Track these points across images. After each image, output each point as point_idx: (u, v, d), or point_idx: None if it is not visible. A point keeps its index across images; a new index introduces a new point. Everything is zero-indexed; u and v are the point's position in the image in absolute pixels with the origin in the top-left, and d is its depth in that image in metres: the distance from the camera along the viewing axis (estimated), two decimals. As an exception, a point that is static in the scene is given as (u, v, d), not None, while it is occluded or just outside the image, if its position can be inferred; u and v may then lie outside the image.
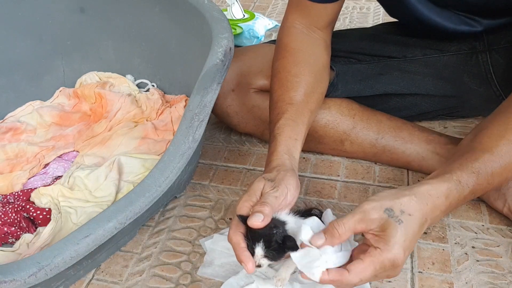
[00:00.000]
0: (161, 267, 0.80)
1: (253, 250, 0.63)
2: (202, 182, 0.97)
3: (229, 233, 0.66)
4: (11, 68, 1.16)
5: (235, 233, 0.65)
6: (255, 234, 0.63)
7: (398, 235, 0.59)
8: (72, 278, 0.76)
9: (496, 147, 0.68)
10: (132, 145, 1.02)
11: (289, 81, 0.83)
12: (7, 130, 1.10)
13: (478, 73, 0.96)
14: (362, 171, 0.97)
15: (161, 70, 1.17)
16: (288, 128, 0.78)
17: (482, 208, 0.88)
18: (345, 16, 1.62)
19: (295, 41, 0.88)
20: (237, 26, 1.45)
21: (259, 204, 0.64)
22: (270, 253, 0.62)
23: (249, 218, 0.62)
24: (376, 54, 0.99)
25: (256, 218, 0.62)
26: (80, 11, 1.18)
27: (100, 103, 1.14)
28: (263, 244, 0.62)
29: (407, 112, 1.01)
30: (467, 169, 0.67)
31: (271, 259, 0.63)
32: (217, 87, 0.81)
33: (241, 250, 0.64)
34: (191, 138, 0.77)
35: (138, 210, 0.70)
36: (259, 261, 0.63)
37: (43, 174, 0.99)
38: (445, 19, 0.90)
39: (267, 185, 0.68)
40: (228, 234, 0.66)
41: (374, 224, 0.60)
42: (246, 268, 0.62)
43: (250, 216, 0.63)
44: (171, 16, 1.07)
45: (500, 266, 0.77)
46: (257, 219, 0.62)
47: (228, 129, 1.11)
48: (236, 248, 0.64)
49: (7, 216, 0.86)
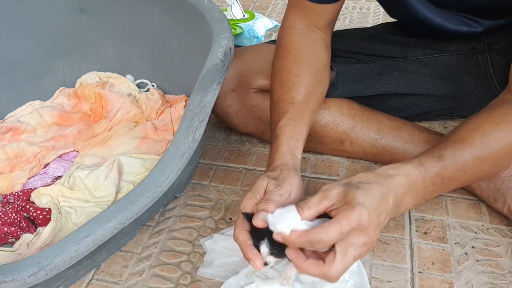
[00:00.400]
0: (161, 267, 0.80)
1: (259, 248, 0.63)
2: (202, 182, 0.97)
3: (234, 231, 0.66)
4: (11, 68, 1.16)
5: (241, 232, 0.65)
6: (260, 232, 0.63)
7: (358, 196, 0.60)
8: (72, 278, 0.76)
9: (469, 137, 0.69)
10: (132, 145, 1.02)
11: (289, 81, 0.83)
12: (7, 130, 1.10)
13: (478, 73, 0.96)
14: (362, 171, 0.97)
15: (161, 70, 1.17)
16: (290, 128, 0.78)
17: (482, 208, 0.88)
18: (345, 16, 1.62)
19: (295, 41, 0.88)
20: (237, 26, 1.45)
21: (264, 202, 0.64)
22: (275, 250, 0.62)
23: (254, 217, 0.62)
24: (376, 54, 0.99)
25: (261, 217, 0.62)
26: (80, 11, 1.18)
27: (100, 103, 1.14)
28: (268, 242, 0.62)
29: (407, 112, 1.01)
30: (432, 154, 0.68)
31: (277, 256, 0.63)
32: (217, 87, 0.81)
33: (248, 248, 0.63)
34: (191, 138, 0.77)
35: (138, 210, 0.70)
36: (265, 259, 0.63)
37: (43, 174, 0.99)
38: (445, 20, 0.90)
39: (270, 183, 0.68)
40: (234, 232, 0.66)
41: (335, 198, 0.61)
42: (255, 266, 0.62)
43: (255, 215, 0.63)
44: (171, 16, 1.07)
45: (500, 266, 0.77)
46: (263, 218, 0.62)
47: (228, 129, 1.11)
48: (243, 246, 0.64)
49: (7, 216, 0.86)
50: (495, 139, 0.69)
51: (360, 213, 0.59)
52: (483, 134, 0.69)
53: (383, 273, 0.77)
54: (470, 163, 0.68)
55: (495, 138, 0.69)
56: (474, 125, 0.71)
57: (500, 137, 0.69)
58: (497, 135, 0.69)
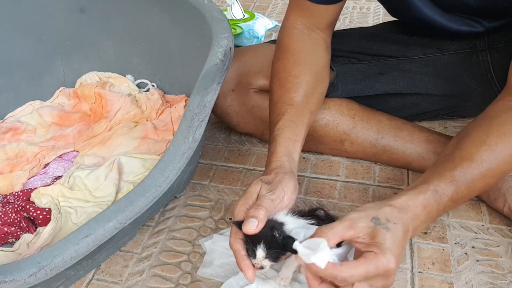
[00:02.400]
0: (161, 267, 0.80)
1: (255, 253, 0.63)
2: (202, 182, 0.97)
3: (230, 240, 0.66)
4: (11, 68, 1.16)
5: (235, 241, 0.65)
6: (255, 237, 0.63)
7: (388, 241, 0.59)
8: (72, 278, 0.76)
9: (476, 153, 0.68)
10: (132, 145, 1.02)
11: (289, 82, 0.83)
12: (7, 130, 1.10)
13: (479, 72, 0.96)
14: (362, 171, 0.97)
15: (161, 70, 1.17)
16: (288, 129, 0.78)
17: (482, 208, 0.88)
18: (345, 16, 1.62)
19: (295, 42, 0.88)
20: (237, 26, 1.45)
21: (254, 208, 0.64)
22: (271, 254, 0.63)
23: (244, 225, 0.62)
24: (376, 54, 0.99)
25: (250, 225, 0.62)
26: (80, 11, 1.18)
27: (100, 103, 1.14)
28: (264, 246, 0.62)
29: (407, 112, 1.01)
30: (445, 178, 0.67)
31: (273, 260, 0.63)
32: (217, 87, 0.81)
33: (241, 258, 0.64)
34: (191, 138, 0.77)
35: (138, 210, 0.70)
36: (261, 263, 0.63)
37: (43, 174, 0.99)
38: (447, 19, 0.90)
39: (263, 187, 0.68)
40: (229, 240, 0.66)
41: (362, 232, 0.60)
42: (247, 277, 0.63)
43: (244, 222, 0.63)
44: (171, 16, 1.07)
45: (500, 266, 0.77)
46: (251, 225, 0.62)
47: (228, 129, 1.11)
48: (236, 256, 0.65)
49: (7, 216, 0.86)
50: (501, 151, 0.69)
51: (389, 261, 0.58)
52: (489, 148, 0.69)
53: (383, 273, 0.76)
54: (479, 180, 0.68)
55: (500, 150, 0.69)
56: (478, 139, 0.70)
57: (505, 148, 0.69)
58: (502, 147, 0.69)
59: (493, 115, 0.73)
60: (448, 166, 0.69)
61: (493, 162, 0.68)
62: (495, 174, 0.70)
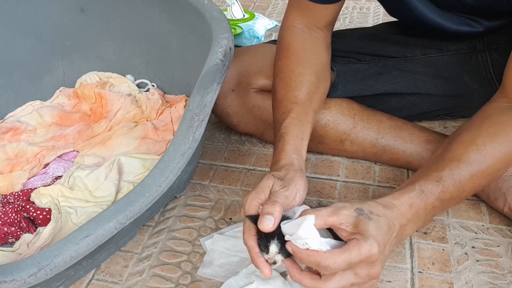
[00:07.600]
0: (161, 267, 0.80)
1: (268, 248, 0.63)
2: (202, 182, 0.97)
3: (243, 236, 0.65)
4: (11, 68, 1.16)
5: (249, 237, 0.64)
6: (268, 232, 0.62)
7: (371, 228, 0.59)
8: (72, 278, 0.76)
9: (465, 154, 0.69)
10: (132, 145, 1.02)
11: (292, 80, 0.83)
12: (7, 130, 1.10)
13: (478, 72, 0.96)
14: (362, 171, 0.97)
15: (161, 70, 1.17)
16: (295, 127, 0.77)
17: (482, 208, 0.88)
18: (345, 16, 1.62)
19: (297, 41, 0.88)
20: (237, 26, 1.45)
21: (270, 204, 0.63)
22: (283, 249, 0.62)
23: (260, 222, 0.62)
24: (376, 54, 0.99)
25: (267, 222, 0.61)
26: (80, 11, 1.18)
27: (100, 103, 1.14)
28: (277, 241, 0.62)
29: (407, 112, 1.01)
30: (431, 178, 0.67)
31: (285, 255, 0.63)
32: (217, 87, 0.81)
33: (256, 255, 0.64)
34: (191, 138, 0.77)
35: (138, 210, 0.70)
36: (274, 258, 0.63)
37: (43, 174, 0.99)
38: (446, 20, 0.90)
39: (276, 183, 0.67)
40: (243, 237, 0.65)
41: (345, 219, 0.61)
42: (264, 274, 0.63)
43: (260, 218, 0.62)
44: (171, 16, 1.07)
45: (500, 266, 0.77)
46: (268, 223, 0.61)
47: (228, 129, 1.11)
48: (251, 253, 0.64)
49: (7, 216, 0.86)
50: (491, 152, 0.69)
51: (372, 246, 0.58)
52: (477, 148, 0.69)
53: (383, 273, 0.76)
54: (468, 181, 0.68)
55: (490, 151, 0.69)
56: (467, 139, 0.70)
57: (495, 149, 0.69)
58: (491, 147, 0.69)
59: (484, 116, 0.73)
60: (437, 167, 0.69)
61: (482, 162, 0.68)
62: (485, 175, 0.70)
